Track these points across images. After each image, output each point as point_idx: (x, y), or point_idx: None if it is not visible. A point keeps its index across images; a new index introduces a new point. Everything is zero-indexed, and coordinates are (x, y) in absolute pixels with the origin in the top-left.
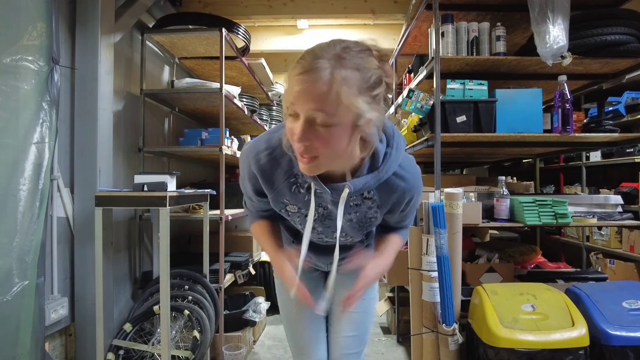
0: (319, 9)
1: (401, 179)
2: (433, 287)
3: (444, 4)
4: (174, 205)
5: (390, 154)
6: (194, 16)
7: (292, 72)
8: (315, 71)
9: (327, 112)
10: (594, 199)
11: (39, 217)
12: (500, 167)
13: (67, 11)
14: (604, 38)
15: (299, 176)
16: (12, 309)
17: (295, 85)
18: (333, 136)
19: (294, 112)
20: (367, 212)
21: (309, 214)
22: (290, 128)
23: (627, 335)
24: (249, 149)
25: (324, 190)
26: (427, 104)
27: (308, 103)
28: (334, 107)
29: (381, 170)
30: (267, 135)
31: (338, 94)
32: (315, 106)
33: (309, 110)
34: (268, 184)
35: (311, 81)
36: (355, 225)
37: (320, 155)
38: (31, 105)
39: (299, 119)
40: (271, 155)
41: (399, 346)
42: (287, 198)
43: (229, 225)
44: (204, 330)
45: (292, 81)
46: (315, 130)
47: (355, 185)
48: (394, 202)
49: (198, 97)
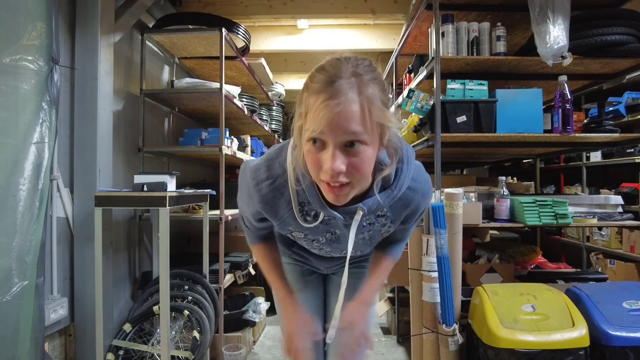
0: (319, 9)
1: (414, 192)
2: (433, 288)
3: (444, 4)
4: (174, 205)
5: (402, 169)
6: (193, 16)
7: (314, 95)
8: (343, 94)
9: (361, 133)
10: (594, 199)
11: (38, 217)
12: (500, 167)
13: (67, 11)
14: (604, 38)
15: (304, 204)
16: (12, 309)
17: (323, 111)
18: (365, 158)
19: (321, 139)
20: (381, 229)
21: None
22: (315, 158)
23: (627, 335)
24: (250, 175)
25: (335, 217)
26: (427, 104)
27: (342, 127)
28: (368, 126)
29: (394, 188)
30: (267, 162)
31: (370, 112)
32: (351, 130)
33: (343, 136)
34: (272, 214)
35: (342, 104)
36: (367, 241)
37: (352, 182)
38: (31, 105)
39: (327, 147)
40: (273, 185)
41: (399, 346)
42: (293, 226)
43: (229, 225)
44: (204, 330)
45: (316, 106)
46: (347, 157)
47: (369, 207)
48: (407, 214)
49: (198, 97)
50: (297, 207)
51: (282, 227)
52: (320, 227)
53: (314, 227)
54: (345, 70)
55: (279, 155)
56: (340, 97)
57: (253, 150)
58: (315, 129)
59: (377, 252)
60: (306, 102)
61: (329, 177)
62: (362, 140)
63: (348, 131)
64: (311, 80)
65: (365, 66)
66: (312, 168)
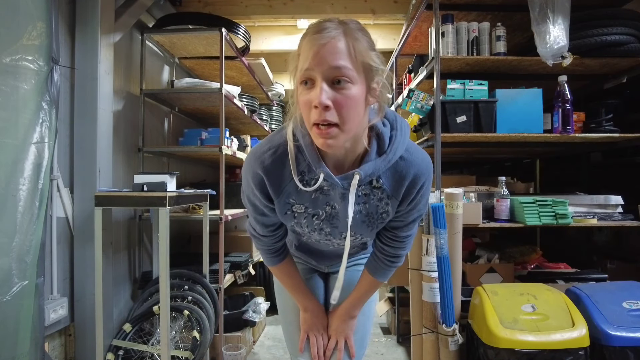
0: (319, 9)
1: (410, 164)
2: (433, 288)
3: (444, 4)
4: (174, 205)
5: (395, 135)
6: (193, 16)
7: (304, 39)
8: (328, 30)
9: (346, 68)
10: (594, 199)
11: (38, 217)
12: (500, 167)
13: (67, 11)
14: (604, 38)
15: (305, 173)
16: (12, 309)
17: (310, 46)
18: (351, 95)
19: (310, 77)
20: (378, 205)
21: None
22: (306, 99)
23: (627, 335)
24: (252, 154)
25: (334, 181)
26: (427, 104)
27: (327, 60)
28: (352, 61)
29: (389, 152)
30: (268, 137)
31: (354, 47)
32: (334, 61)
33: (328, 68)
34: (275, 186)
35: (327, 38)
36: (365, 219)
37: (339, 124)
38: (31, 105)
39: (316, 85)
40: (275, 154)
41: (399, 346)
42: (294, 197)
43: (229, 225)
44: (204, 330)
45: (305, 46)
46: (333, 93)
47: (365, 171)
48: (404, 190)
49: (198, 97)
50: (296, 169)
51: (284, 202)
52: (320, 197)
53: (314, 197)
54: (334, 19)
55: (280, 130)
56: (326, 34)
57: None
58: (304, 67)
59: (367, 271)
60: (299, 49)
61: (317, 115)
62: (348, 76)
63: (333, 65)
64: (305, 32)
65: (353, 21)
66: (304, 111)
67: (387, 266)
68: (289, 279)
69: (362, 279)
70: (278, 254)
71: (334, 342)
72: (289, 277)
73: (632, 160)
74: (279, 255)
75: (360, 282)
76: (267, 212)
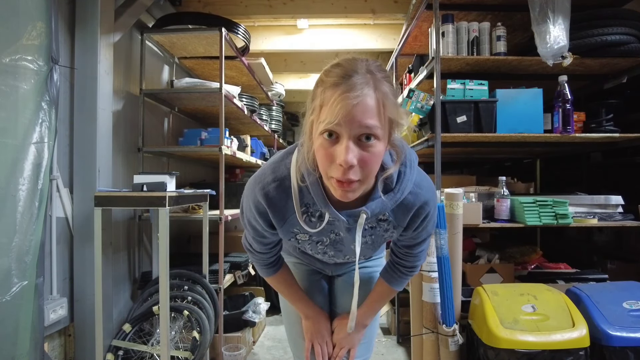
0: (319, 9)
1: (417, 198)
2: (433, 288)
3: (445, 3)
4: (174, 205)
5: (405, 172)
6: (193, 16)
7: (330, 89)
8: (360, 88)
9: (376, 127)
10: (595, 199)
11: (38, 217)
12: (500, 167)
13: (67, 11)
14: (604, 38)
15: (309, 205)
16: (11, 309)
17: (339, 102)
18: (376, 153)
19: (336, 132)
20: (384, 234)
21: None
22: (328, 153)
23: (627, 336)
24: (255, 182)
25: (339, 219)
26: (428, 104)
27: (357, 119)
28: (382, 121)
29: (397, 191)
30: (272, 166)
31: (385, 107)
32: (366, 123)
33: (358, 128)
34: (279, 217)
35: (358, 98)
36: (370, 246)
37: (361, 179)
38: (30, 105)
39: (340, 140)
40: (280, 187)
41: (399, 347)
42: (298, 228)
43: (229, 225)
44: (204, 330)
45: (332, 99)
46: (359, 150)
47: (371, 210)
48: (409, 220)
49: (198, 97)
50: (300, 209)
51: (287, 230)
52: (325, 227)
53: (318, 228)
54: (360, 67)
55: (284, 158)
56: (358, 91)
57: (253, 150)
58: (331, 120)
59: (383, 279)
60: (321, 95)
61: (340, 172)
62: (376, 135)
63: (364, 124)
64: (327, 75)
65: (377, 65)
66: (322, 162)
67: (404, 275)
68: (285, 288)
69: (377, 286)
70: (272, 265)
71: (338, 350)
72: (285, 286)
73: (632, 160)
74: (274, 266)
75: (375, 290)
76: (268, 235)
